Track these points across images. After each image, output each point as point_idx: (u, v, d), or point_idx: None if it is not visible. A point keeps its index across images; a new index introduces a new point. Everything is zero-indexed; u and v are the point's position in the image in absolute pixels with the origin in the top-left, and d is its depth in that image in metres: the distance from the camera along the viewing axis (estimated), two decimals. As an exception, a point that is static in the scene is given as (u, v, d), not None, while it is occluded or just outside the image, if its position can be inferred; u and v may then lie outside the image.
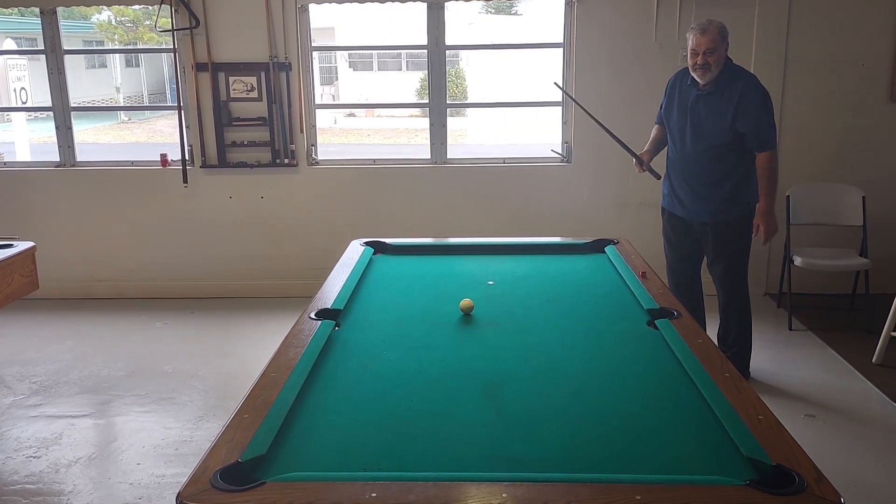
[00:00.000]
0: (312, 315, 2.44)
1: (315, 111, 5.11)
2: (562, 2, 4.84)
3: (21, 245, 3.57)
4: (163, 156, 5.09)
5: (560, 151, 5.01)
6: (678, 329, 2.29)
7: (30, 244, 3.62)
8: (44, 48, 5.04)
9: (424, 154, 5.14)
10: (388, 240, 3.46)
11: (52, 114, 5.14)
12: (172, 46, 4.92)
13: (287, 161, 4.99)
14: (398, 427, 1.76)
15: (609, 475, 1.51)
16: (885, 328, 3.95)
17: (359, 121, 16.93)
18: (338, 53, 18.17)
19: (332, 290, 2.71)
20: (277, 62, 4.86)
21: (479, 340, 2.34)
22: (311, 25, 4.97)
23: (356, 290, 2.76)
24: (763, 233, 3.50)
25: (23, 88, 7.51)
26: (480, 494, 1.44)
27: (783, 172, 4.78)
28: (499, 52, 15.95)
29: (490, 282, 2.92)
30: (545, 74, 5.44)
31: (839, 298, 4.85)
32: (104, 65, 18.44)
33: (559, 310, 2.61)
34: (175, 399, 3.69)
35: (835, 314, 4.72)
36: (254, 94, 4.91)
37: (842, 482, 1.57)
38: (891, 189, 4.88)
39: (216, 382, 3.87)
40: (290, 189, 5.07)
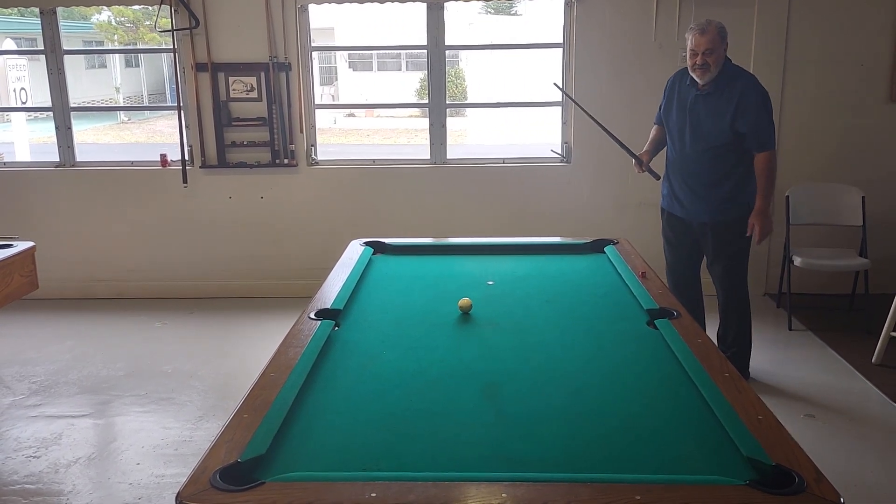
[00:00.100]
0: (312, 315, 2.44)
1: (315, 111, 5.11)
2: (561, 2, 4.84)
3: (21, 245, 3.57)
4: (162, 156, 5.09)
5: (560, 152, 5.01)
6: (678, 329, 2.29)
7: (29, 244, 3.62)
8: (43, 48, 5.03)
9: (424, 154, 5.14)
10: (388, 240, 3.45)
11: (52, 114, 5.14)
12: (172, 46, 4.92)
13: (287, 161, 4.99)
14: (398, 427, 1.76)
15: (609, 475, 1.51)
16: (885, 328, 3.95)
17: (358, 121, 16.94)
18: (337, 53, 18.19)
19: (332, 291, 2.71)
20: (277, 62, 4.86)
21: (479, 340, 2.34)
22: (311, 25, 4.97)
23: (356, 291, 2.76)
24: (757, 233, 3.50)
25: (22, 89, 7.51)
26: (480, 494, 1.44)
27: (783, 172, 4.80)
28: (498, 53, 15.97)
29: (490, 282, 2.92)
30: (545, 75, 5.44)
31: (839, 298, 4.86)
32: (104, 65, 18.44)
33: (559, 310, 2.61)
34: (175, 399, 3.69)
35: (834, 314, 4.72)
36: (253, 95, 4.91)
37: (841, 482, 1.57)
38: (890, 189, 4.88)
39: (216, 382, 3.87)
40: (290, 189, 5.07)
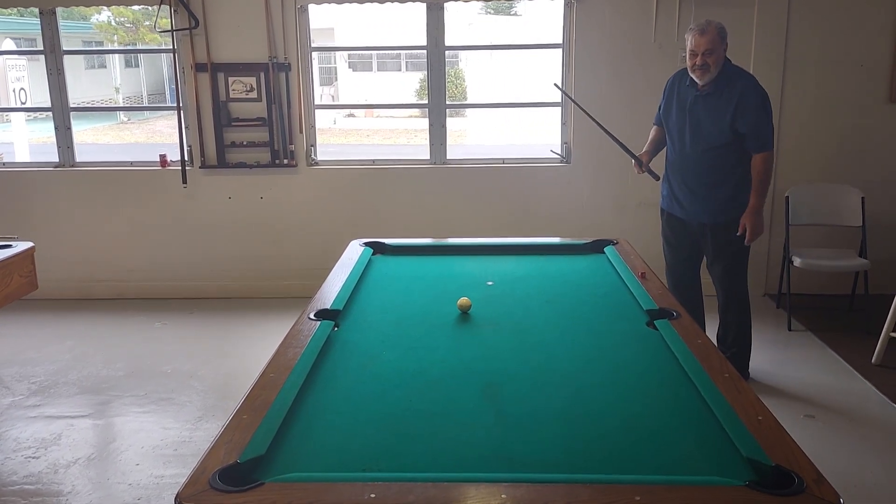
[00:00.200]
0: (311, 315, 2.44)
1: (314, 111, 5.11)
2: (561, 2, 4.85)
3: (20, 245, 3.57)
4: (162, 156, 5.09)
5: (559, 152, 5.01)
6: (678, 330, 2.29)
7: (29, 244, 3.62)
8: (43, 48, 5.03)
9: (424, 154, 5.13)
10: (388, 240, 3.45)
11: (52, 114, 5.14)
12: (172, 47, 4.92)
13: (286, 161, 4.99)
14: (397, 427, 1.76)
15: (609, 476, 1.51)
16: (885, 329, 3.95)
17: (358, 121, 16.94)
18: (337, 54, 18.20)
19: (332, 291, 2.71)
20: (277, 63, 4.86)
21: (479, 341, 2.34)
22: (311, 26, 4.97)
23: (355, 291, 2.76)
24: (748, 232, 3.49)
25: (22, 89, 7.50)
26: (480, 495, 1.44)
27: (783, 173, 4.82)
28: (498, 53, 16.01)
29: (489, 282, 2.92)
30: (544, 75, 5.45)
31: (838, 299, 4.86)
32: (103, 65, 18.44)
33: (558, 310, 2.60)
34: (174, 399, 3.69)
35: (834, 315, 4.72)
36: (253, 95, 4.91)
37: (841, 483, 1.57)
38: (890, 189, 4.88)
39: (215, 383, 3.87)
40: (290, 189, 5.06)
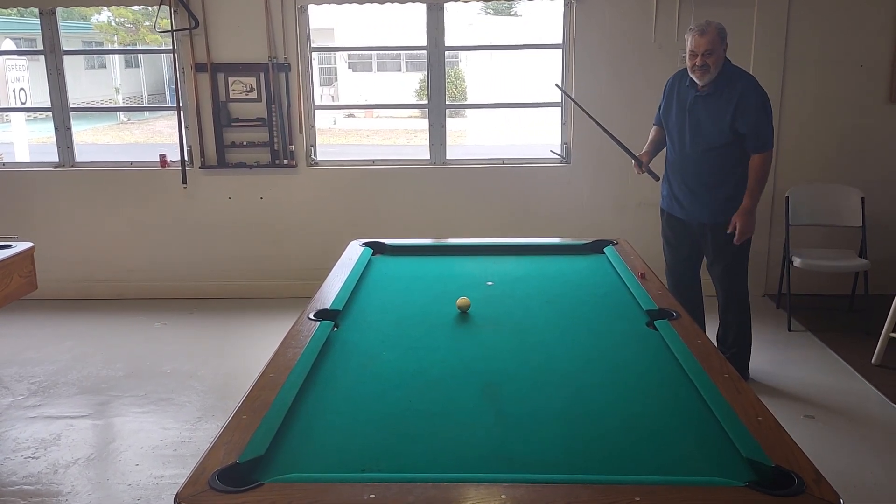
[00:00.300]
0: (311, 316, 2.44)
1: (314, 112, 5.10)
2: (561, 3, 4.84)
3: (20, 245, 3.57)
4: (162, 156, 5.09)
5: (559, 152, 5.01)
6: (677, 330, 2.29)
7: (28, 244, 3.61)
8: (43, 49, 5.03)
9: (424, 155, 5.13)
10: (388, 240, 3.45)
11: (52, 114, 5.14)
12: (172, 47, 4.92)
13: (286, 162, 4.99)
14: (397, 428, 1.76)
15: (609, 476, 1.51)
16: (885, 329, 3.95)
17: (358, 121, 16.94)
18: (337, 54, 18.18)
19: (331, 291, 2.71)
20: (277, 63, 4.86)
21: (479, 341, 2.34)
22: (311, 26, 4.97)
23: (355, 291, 2.76)
24: (738, 231, 3.48)
25: (22, 89, 7.50)
26: (480, 496, 1.44)
27: (783, 173, 4.82)
28: (498, 53, 16.01)
29: (489, 282, 2.92)
30: (544, 75, 5.45)
31: (838, 299, 4.85)
32: (103, 65, 18.44)
33: (558, 310, 2.60)
34: (174, 400, 3.68)
35: (834, 315, 4.71)
36: (253, 95, 4.91)
37: (841, 483, 1.57)
38: (890, 190, 4.88)
39: (215, 383, 3.87)
40: (290, 190, 5.06)
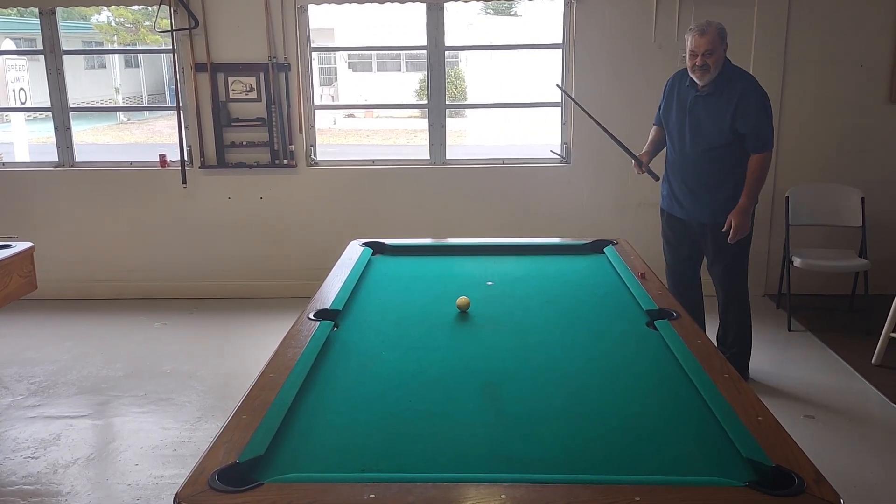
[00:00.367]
0: (311, 316, 2.44)
1: (314, 112, 5.10)
2: (561, 2, 4.84)
3: (19, 245, 3.57)
4: (162, 156, 5.09)
5: (559, 152, 5.01)
6: (677, 330, 2.29)
7: (28, 244, 3.61)
8: (43, 48, 5.03)
9: (423, 155, 5.13)
10: (387, 240, 3.45)
11: (51, 114, 5.14)
12: (171, 47, 4.92)
13: (286, 162, 4.99)
14: (397, 428, 1.75)
15: (609, 476, 1.51)
16: (885, 329, 3.95)
17: (358, 121, 16.94)
18: (337, 54, 18.17)
19: (331, 291, 2.71)
20: (276, 63, 4.85)
21: (479, 341, 2.34)
22: (311, 26, 4.97)
23: (355, 291, 2.76)
24: (733, 230, 3.47)
25: (22, 89, 7.49)
26: (480, 495, 1.43)
27: (783, 173, 4.82)
28: (498, 53, 15.98)
29: (489, 282, 2.91)
30: (544, 75, 5.45)
31: (838, 299, 4.85)
32: (103, 65, 18.43)
33: (558, 310, 2.60)
34: (174, 400, 3.68)
35: (834, 315, 4.71)
36: (253, 95, 4.91)
37: (841, 483, 1.57)
38: (890, 190, 4.88)
39: (215, 383, 3.87)
40: (289, 190, 5.06)
